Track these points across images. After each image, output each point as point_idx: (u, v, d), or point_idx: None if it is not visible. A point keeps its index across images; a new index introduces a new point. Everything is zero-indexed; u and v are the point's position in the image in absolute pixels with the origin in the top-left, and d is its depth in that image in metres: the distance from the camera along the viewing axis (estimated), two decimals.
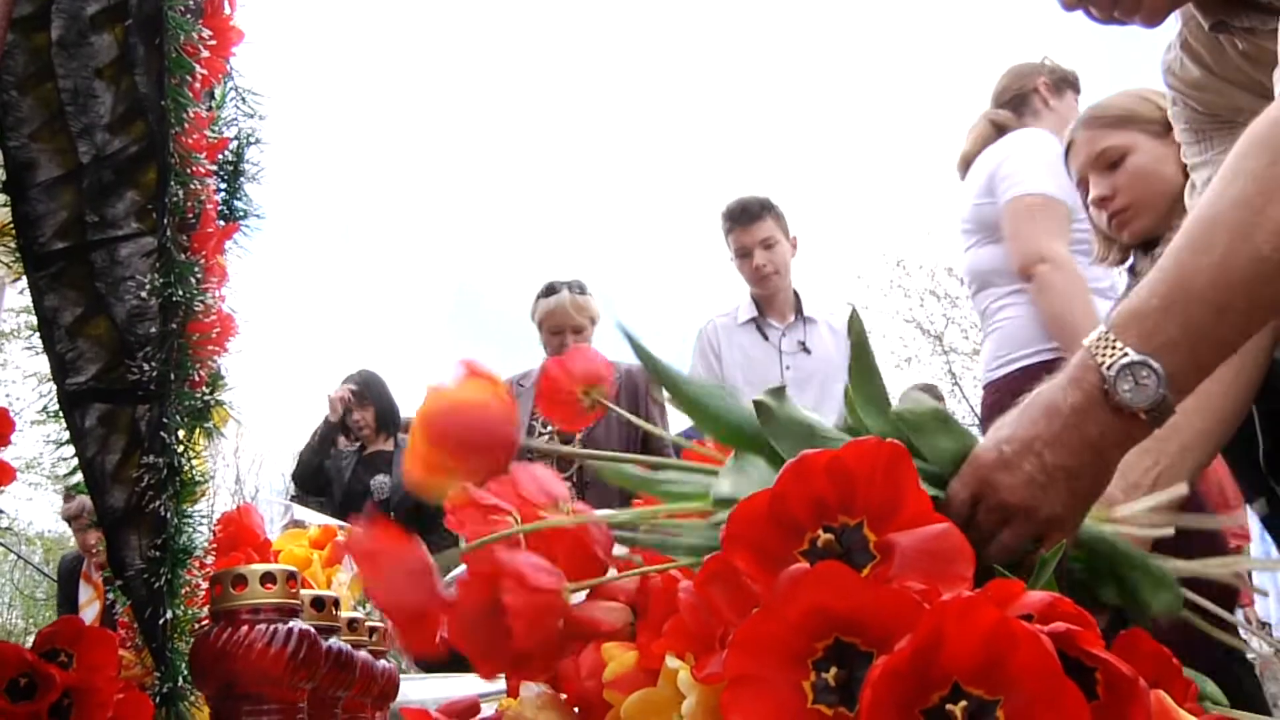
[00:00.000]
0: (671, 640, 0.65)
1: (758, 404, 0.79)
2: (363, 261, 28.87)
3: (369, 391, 4.26)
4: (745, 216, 3.37)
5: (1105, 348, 0.78)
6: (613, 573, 0.77)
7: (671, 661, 0.65)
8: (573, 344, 3.52)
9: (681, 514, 0.81)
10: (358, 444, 4.30)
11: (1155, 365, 0.76)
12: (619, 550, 0.81)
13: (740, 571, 0.60)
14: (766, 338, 3.39)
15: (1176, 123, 1.37)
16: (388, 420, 4.26)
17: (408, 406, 4.50)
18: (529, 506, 0.78)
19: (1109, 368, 0.77)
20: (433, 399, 0.65)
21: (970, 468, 0.79)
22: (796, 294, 3.46)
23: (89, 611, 3.91)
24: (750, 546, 0.61)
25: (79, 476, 1.05)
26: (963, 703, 0.50)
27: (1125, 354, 0.77)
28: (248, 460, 16.48)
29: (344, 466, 4.24)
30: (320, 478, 4.27)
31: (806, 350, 3.36)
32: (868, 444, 0.61)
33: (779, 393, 0.80)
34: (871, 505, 0.60)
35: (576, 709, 0.76)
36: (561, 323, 3.47)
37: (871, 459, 0.60)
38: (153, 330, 1.04)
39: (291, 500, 4.33)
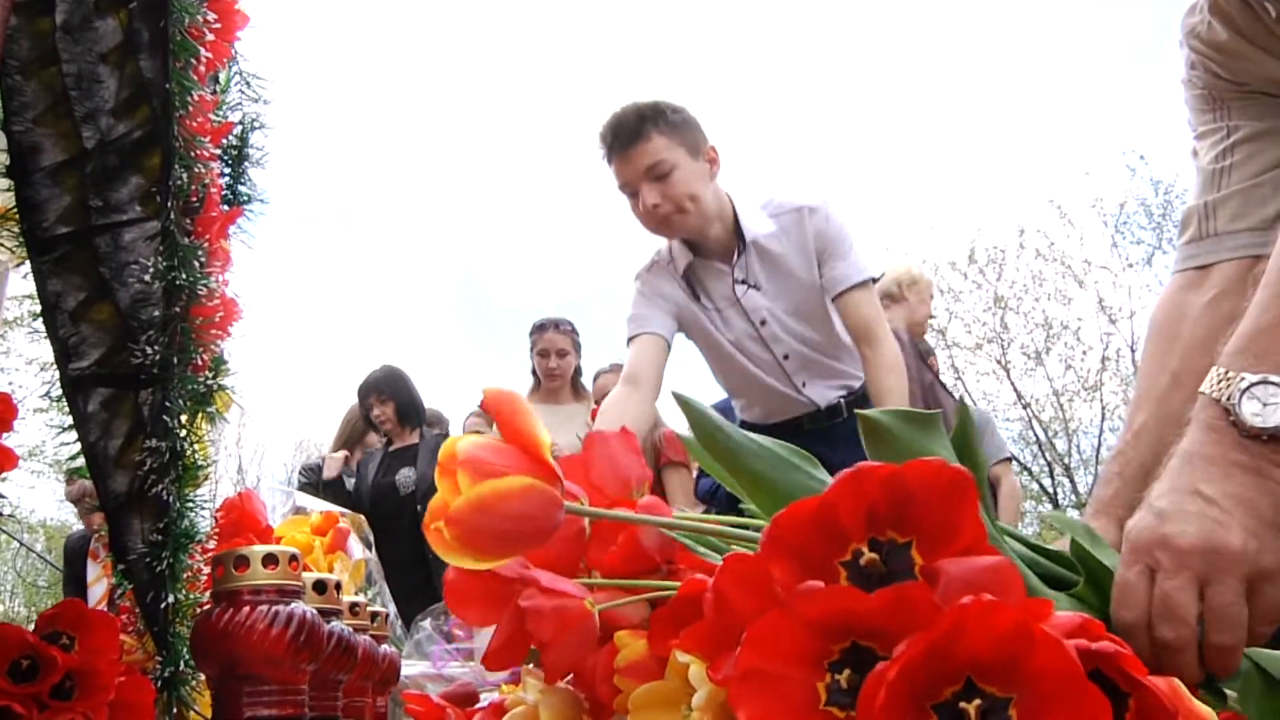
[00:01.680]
0: (688, 641, 0.64)
1: None
2: (367, 251, 28.87)
3: (388, 387, 4.32)
4: (621, 140, 2.32)
5: (1220, 382, 0.73)
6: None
7: (681, 655, 0.64)
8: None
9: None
10: (385, 439, 4.37)
11: (1278, 380, 0.71)
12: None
13: (774, 578, 0.58)
14: (710, 302, 2.46)
15: (1191, 89, 1.34)
16: (410, 414, 4.32)
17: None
18: (599, 493, 0.77)
19: (1228, 399, 0.72)
20: (470, 490, 0.64)
21: (1130, 544, 0.71)
22: (735, 211, 2.43)
23: (97, 588, 3.93)
24: (790, 551, 0.59)
25: (81, 461, 1.05)
26: (976, 700, 0.49)
27: (1242, 379, 0.72)
28: (250, 449, 16.53)
29: (371, 462, 4.31)
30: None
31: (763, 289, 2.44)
32: (932, 464, 0.58)
33: None
34: (925, 526, 0.58)
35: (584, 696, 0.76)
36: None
37: (933, 479, 0.58)
38: (156, 314, 1.04)
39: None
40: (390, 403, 4.29)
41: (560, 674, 0.70)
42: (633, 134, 2.31)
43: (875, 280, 2.51)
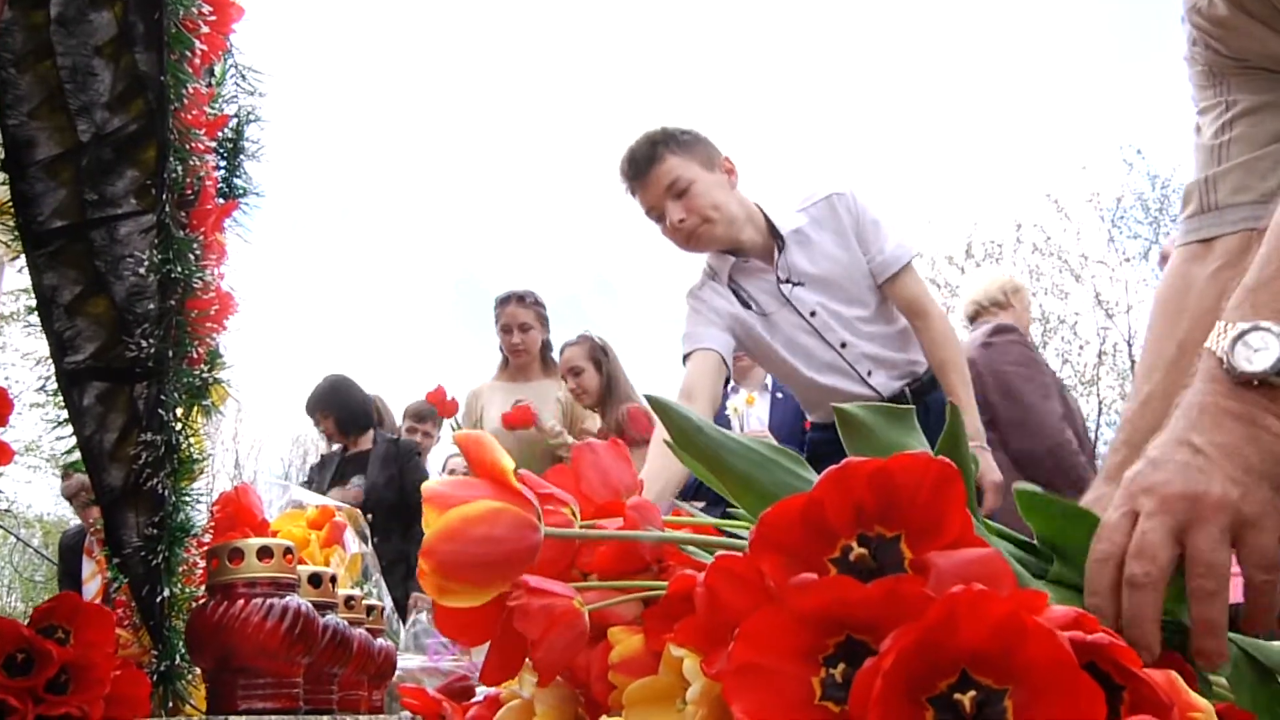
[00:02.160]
0: (682, 635, 0.64)
1: None
2: (365, 244, 28.86)
3: (326, 403, 4.32)
4: (637, 167, 2.45)
5: (1218, 336, 0.74)
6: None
7: (675, 649, 0.64)
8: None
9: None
10: (341, 445, 4.36)
11: (1268, 326, 0.72)
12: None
13: (764, 574, 0.58)
14: (758, 308, 2.49)
15: (1193, 65, 1.34)
16: (350, 425, 4.30)
17: (411, 392, 4.56)
18: (589, 503, 0.77)
19: (1222, 348, 0.73)
20: (437, 522, 0.63)
21: (1121, 489, 0.72)
22: (765, 216, 2.49)
23: (92, 585, 3.93)
24: (779, 549, 0.58)
25: (77, 455, 1.05)
26: (971, 692, 0.48)
27: (1236, 327, 0.73)
28: (247, 444, 16.51)
29: (327, 468, 4.31)
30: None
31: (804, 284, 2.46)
32: (917, 458, 0.58)
33: None
34: (913, 521, 0.58)
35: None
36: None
37: (920, 473, 0.58)
38: (151, 307, 1.04)
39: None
40: (330, 418, 4.29)
41: (551, 673, 0.70)
42: (647, 159, 2.42)
43: (916, 256, 2.57)
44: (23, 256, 1.07)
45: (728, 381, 3.41)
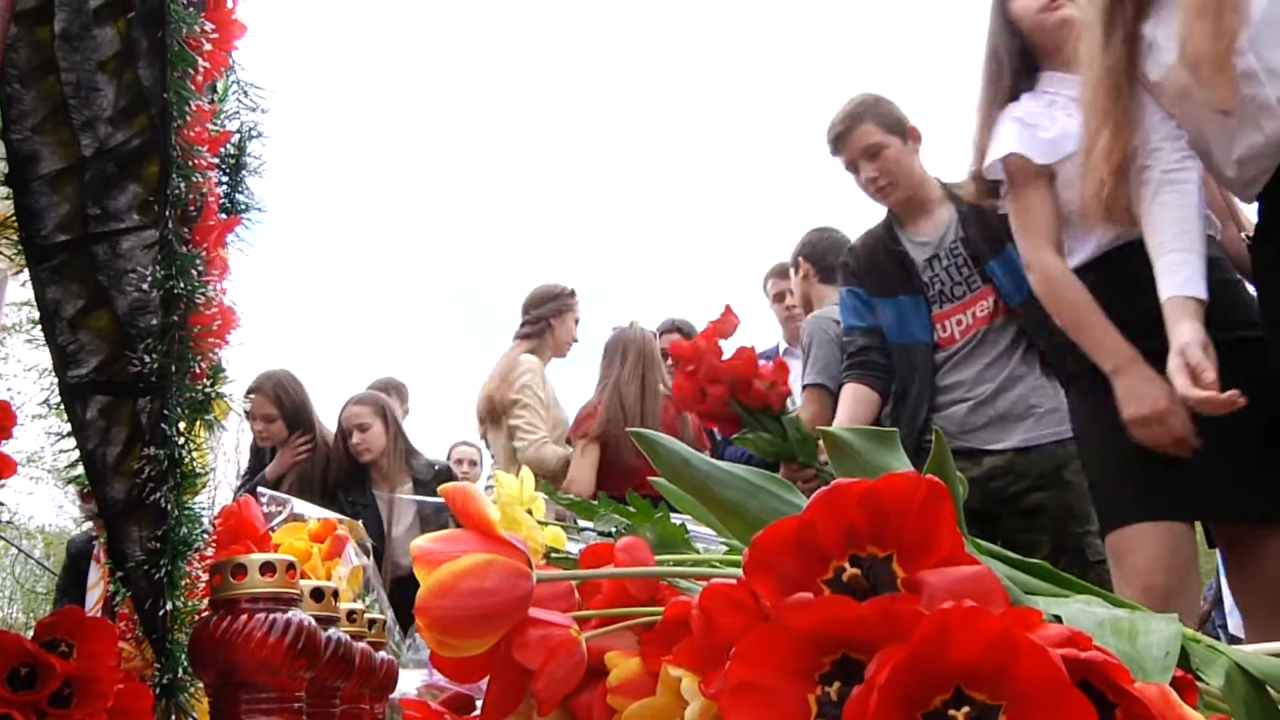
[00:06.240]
0: (680, 656, 0.65)
1: None
2: (366, 254, 28.93)
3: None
4: None
5: None
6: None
7: (672, 670, 0.64)
8: None
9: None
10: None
11: None
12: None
13: (759, 596, 0.59)
14: None
15: None
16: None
17: (412, 396, 4.53)
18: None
19: None
20: (428, 579, 0.63)
21: None
22: None
23: (95, 592, 3.97)
24: (772, 571, 0.59)
25: (80, 469, 1.06)
26: (965, 708, 0.49)
27: None
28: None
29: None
30: None
31: None
32: (906, 478, 0.59)
33: None
34: (904, 540, 0.58)
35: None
36: None
37: (909, 492, 0.58)
38: (154, 322, 1.04)
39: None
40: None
41: (552, 704, 0.70)
42: None
43: None
44: (26, 270, 1.07)
45: None
